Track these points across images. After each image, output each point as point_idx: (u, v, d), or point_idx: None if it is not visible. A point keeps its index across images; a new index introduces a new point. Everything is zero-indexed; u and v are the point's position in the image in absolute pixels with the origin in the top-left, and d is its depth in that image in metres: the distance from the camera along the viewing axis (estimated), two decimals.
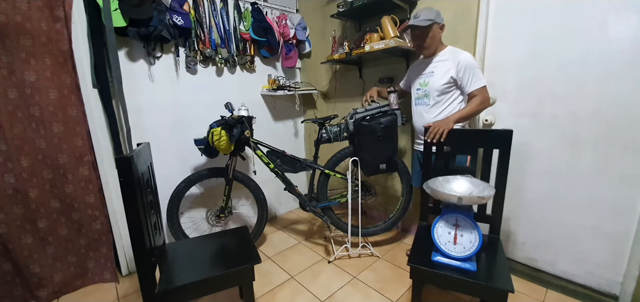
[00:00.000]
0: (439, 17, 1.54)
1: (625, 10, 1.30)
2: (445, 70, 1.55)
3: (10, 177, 1.47)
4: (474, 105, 1.50)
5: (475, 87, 1.49)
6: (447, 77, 1.54)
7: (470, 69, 1.49)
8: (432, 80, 1.60)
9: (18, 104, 1.46)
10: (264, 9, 2.34)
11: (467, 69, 1.49)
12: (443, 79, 1.55)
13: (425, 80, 1.65)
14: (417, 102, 1.72)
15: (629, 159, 1.36)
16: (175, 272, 1.23)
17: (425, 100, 1.65)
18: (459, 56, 1.52)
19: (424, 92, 1.66)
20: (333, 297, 1.64)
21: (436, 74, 1.59)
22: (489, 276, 1.12)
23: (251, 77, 2.40)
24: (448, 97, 1.58)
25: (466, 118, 1.53)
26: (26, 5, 1.42)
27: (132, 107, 1.76)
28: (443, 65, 1.57)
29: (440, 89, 1.57)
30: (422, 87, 1.67)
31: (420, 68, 1.70)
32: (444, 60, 1.57)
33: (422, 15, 1.52)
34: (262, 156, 1.98)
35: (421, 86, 1.68)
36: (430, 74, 1.62)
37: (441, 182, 1.27)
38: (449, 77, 1.53)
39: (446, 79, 1.54)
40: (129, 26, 1.65)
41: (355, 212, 1.99)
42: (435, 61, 1.61)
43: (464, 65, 1.49)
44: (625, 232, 1.42)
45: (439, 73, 1.57)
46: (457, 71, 1.51)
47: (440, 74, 1.57)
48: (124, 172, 0.97)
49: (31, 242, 1.57)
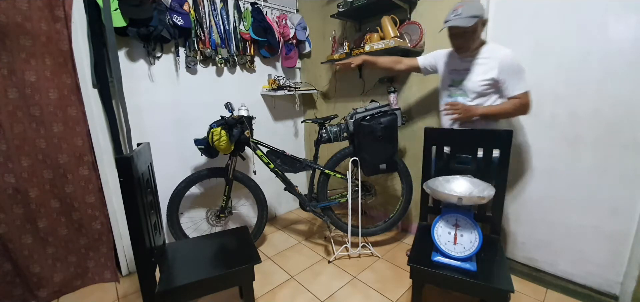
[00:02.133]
0: (483, 11, 1.34)
1: (625, 10, 1.30)
2: (485, 70, 1.38)
3: (10, 177, 1.47)
4: (509, 106, 1.35)
5: (517, 92, 1.33)
6: (487, 77, 1.37)
7: (513, 71, 1.33)
8: (469, 81, 1.43)
9: (18, 104, 1.46)
10: (264, 9, 2.34)
11: (510, 70, 1.33)
12: (483, 80, 1.39)
13: (459, 78, 1.48)
14: (448, 98, 1.54)
15: (629, 159, 1.36)
16: (175, 272, 1.23)
17: (462, 99, 1.48)
18: (500, 54, 1.35)
19: (459, 91, 1.48)
20: (333, 297, 1.64)
21: (474, 73, 1.41)
22: (489, 276, 1.12)
23: (251, 77, 2.40)
24: (485, 100, 1.42)
25: (497, 116, 1.39)
26: (26, 6, 1.42)
27: (132, 107, 1.76)
28: (483, 65, 1.39)
29: (479, 90, 1.40)
30: (456, 85, 1.49)
31: (454, 61, 1.52)
32: (484, 59, 1.39)
33: (464, 11, 1.30)
34: (262, 156, 1.98)
35: (454, 83, 1.50)
36: (466, 72, 1.45)
37: (441, 182, 1.27)
38: (490, 78, 1.36)
39: (486, 80, 1.38)
40: (129, 26, 1.65)
41: (355, 212, 1.99)
42: (474, 60, 1.42)
43: (506, 65, 1.33)
44: (625, 232, 1.42)
45: (478, 73, 1.40)
46: (499, 72, 1.34)
47: (480, 74, 1.39)
48: (124, 172, 0.97)
49: (31, 242, 1.57)
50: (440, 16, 1.84)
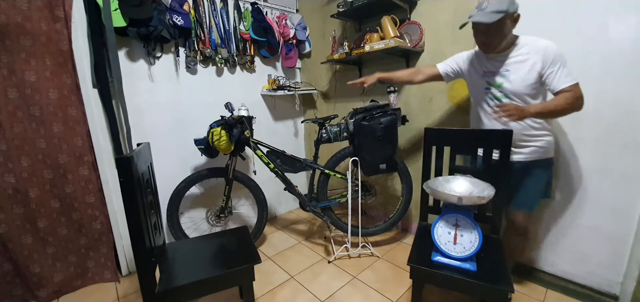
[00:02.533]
0: (513, 5, 1.20)
1: (625, 10, 1.30)
2: (529, 67, 1.24)
3: (10, 177, 1.47)
4: (562, 102, 1.18)
5: (566, 84, 1.18)
6: (534, 75, 1.23)
7: (559, 61, 1.18)
8: (511, 82, 1.28)
9: (18, 104, 1.46)
10: (264, 9, 2.34)
11: (556, 60, 1.18)
12: (529, 78, 1.24)
13: (497, 80, 1.33)
14: (488, 103, 1.39)
15: (629, 159, 1.36)
16: (175, 272, 1.23)
17: (506, 101, 1.31)
18: (540, 46, 1.22)
19: (501, 93, 1.33)
20: (333, 297, 1.64)
21: (516, 73, 1.27)
22: (489, 276, 1.12)
23: (251, 77, 2.40)
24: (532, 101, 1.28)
25: (552, 113, 1.24)
26: (26, 5, 1.42)
27: (132, 107, 1.76)
28: (524, 62, 1.25)
29: (525, 91, 1.26)
30: (494, 87, 1.34)
31: (484, 62, 1.38)
32: (523, 56, 1.26)
33: (490, 5, 1.19)
34: (262, 156, 1.98)
35: (492, 86, 1.35)
36: (504, 74, 1.30)
37: (441, 182, 1.27)
38: (536, 75, 1.22)
39: (533, 78, 1.23)
40: (129, 26, 1.65)
41: (355, 212, 1.99)
42: (510, 58, 1.29)
43: (551, 56, 1.19)
44: (625, 232, 1.42)
45: (521, 72, 1.26)
46: (543, 65, 1.20)
47: (523, 73, 1.25)
48: (124, 172, 0.97)
49: (31, 242, 1.57)
50: (440, 16, 1.85)
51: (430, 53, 1.95)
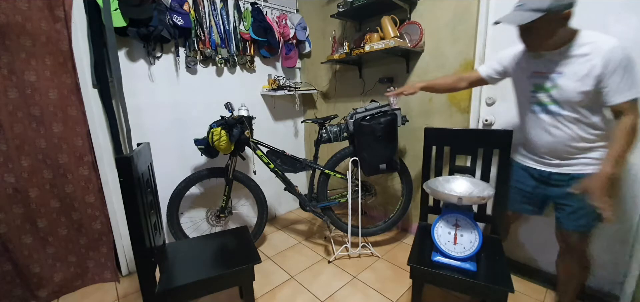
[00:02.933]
0: (559, 3, 0.99)
1: (625, 10, 1.30)
2: (587, 71, 1.02)
3: (10, 177, 1.47)
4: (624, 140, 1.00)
5: (622, 99, 0.99)
6: (590, 82, 1.02)
7: (623, 67, 0.98)
8: (562, 87, 1.08)
9: (18, 104, 1.46)
10: (264, 9, 2.34)
11: (620, 66, 0.98)
12: (584, 85, 1.03)
13: (546, 83, 1.12)
14: (533, 108, 1.19)
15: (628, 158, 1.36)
16: (175, 272, 1.23)
17: (555, 109, 1.12)
18: (608, 45, 0.99)
19: (548, 99, 1.13)
20: (333, 297, 1.64)
21: (568, 78, 1.06)
22: (489, 276, 1.12)
23: (251, 77, 2.40)
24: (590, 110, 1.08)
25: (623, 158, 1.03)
26: (26, 5, 1.42)
27: (132, 107, 1.76)
28: (582, 64, 1.03)
29: (581, 100, 1.05)
30: (542, 92, 1.14)
31: (532, 61, 1.17)
32: (582, 56, 1.03)
33: (528, 3, 1.02)
34: (262, 156, 1.98)
35: (540, 89, 1.15)
36: (557, 76, 1.09)
37: (441, 182, 1.27)
38: (593, 81, 1.01)
39: (590, 85, 1.02)
40: (129, 26, 1.65)
41: (355, 212, 1.99)
42: (565, 57, 1.07)
43: (617, 60, 0.98)
44: (625, 232, 1.42)
45: (575, 76, 1.05)
46: (603, 70, 0.99)
47: (577, 78, 1.04)
48: (124, 172, 0.97)
49: (31, 242, 1.57)
50: (440, 16, 1.85)
51: (430, 53, 1.95)
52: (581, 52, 1.04)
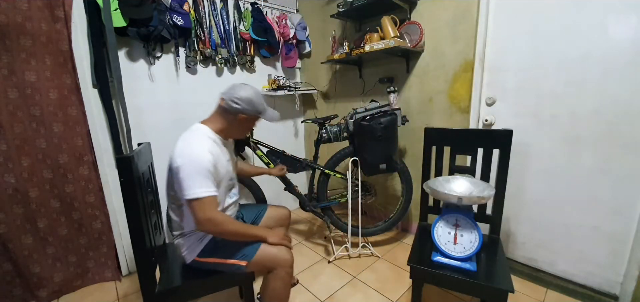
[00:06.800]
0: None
1: (626, 10, 1.30)
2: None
3: (10, 177, 1.47)
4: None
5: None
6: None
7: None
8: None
9: (18, 104, 1.46)
10: (264, 9, 2.33)
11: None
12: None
13: None
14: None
15: (629, 159, 1.36)
16: (175, 272, 1.23)
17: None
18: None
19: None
20: (333, 297, 1.64)
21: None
22: (489, 276, 1.12)
23: (251, 77, 2.40)
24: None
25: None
26: (26, 6, 1.42)
27: (132, 107, 1.76)
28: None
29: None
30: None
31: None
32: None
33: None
34: (262, 156, 1.98)
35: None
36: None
37: (441, 182, 1.27)
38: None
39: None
40: (129, 26, 1.65)
41: (355, 212, 1.99)
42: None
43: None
44: (625, 232, 1.42)
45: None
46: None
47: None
48: (124, 172, 0.97)
49: (31, 242, 1.57)
50: (440, 16, 1.85)
51: (430, 53, 1.95)
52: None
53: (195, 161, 1.04)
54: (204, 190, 1.03)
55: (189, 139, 1.11)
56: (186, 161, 1.04)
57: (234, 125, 1.21)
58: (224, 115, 1.20)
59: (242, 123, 1.20)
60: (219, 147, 1.19)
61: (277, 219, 1.52)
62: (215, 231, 1.09)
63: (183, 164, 1.04)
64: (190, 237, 1.18)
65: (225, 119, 1.20)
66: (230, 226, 1.10)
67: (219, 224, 1.06)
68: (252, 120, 1.24)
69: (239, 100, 1.16)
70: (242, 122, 1.20)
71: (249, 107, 1.17)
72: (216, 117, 1.22)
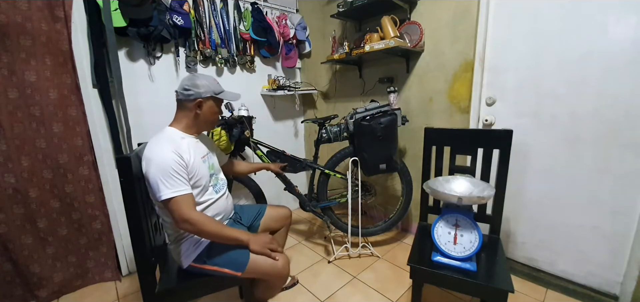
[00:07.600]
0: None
1: (625, 10, 1.30)
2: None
3: (10, 177, 1.47)
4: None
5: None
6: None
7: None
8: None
9: (18, 104, 1.46)
10: (264, 9, 2.33)
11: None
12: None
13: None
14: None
15: (629, 159, 1.36)
16: (175, 272, 1.23)
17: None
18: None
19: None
20: (333, 297, 1.64)
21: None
22: (489, 275, 1.12)
23: (251, 77, 2.40)
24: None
25: None
26: (26, 6, 1.42)
27: (132, 107, 1.76)
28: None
29: None
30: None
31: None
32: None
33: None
34: (262, 156, 1.98)
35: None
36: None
37: (441, 182, 1.27)
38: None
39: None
40: (129, 26, 1.65)
41: (355, 212, 1.99)
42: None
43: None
44: (625, 232, 1.42)
45: None
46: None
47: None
48: (124, 172, 0.97)
49: (31, 242, 1.57)
50: (440, 16, 1.86)
51: (430, 53, 1.95)
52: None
53: (159, 163, 1.04)
54: (174, 190, 1.03)
55: (151, 144, 1.10)
56: (151, 165, 1.04)
57: (198, 116, 1.20)
58: (184, 109, 1.20)
59: (204, 110, 1.20)
60: (190, 145, 1.18)
61: (278, 219, 1.52)
62: (193, 231, 1.08)
63: (148, 169, 1.05)
64: (185, 242, 1.17)
65: (187, 112, 1.20)
66: (208, 227, 1.09)
67: (196, 223, 1.06)
68: (214, 104, 1.22)
69: (189, 86, 1.15)
70: (204, 109, 1.19)
71: (202, 89, 1.16)
72: (179, 116, 1.22)
